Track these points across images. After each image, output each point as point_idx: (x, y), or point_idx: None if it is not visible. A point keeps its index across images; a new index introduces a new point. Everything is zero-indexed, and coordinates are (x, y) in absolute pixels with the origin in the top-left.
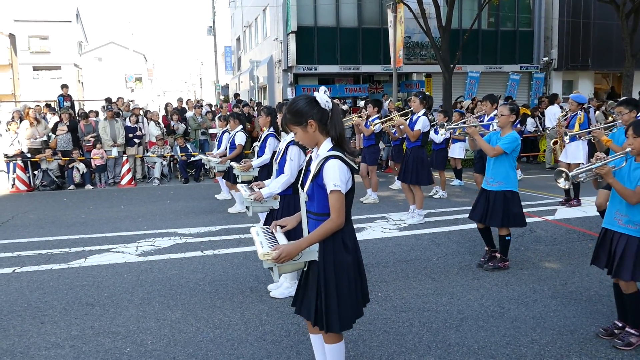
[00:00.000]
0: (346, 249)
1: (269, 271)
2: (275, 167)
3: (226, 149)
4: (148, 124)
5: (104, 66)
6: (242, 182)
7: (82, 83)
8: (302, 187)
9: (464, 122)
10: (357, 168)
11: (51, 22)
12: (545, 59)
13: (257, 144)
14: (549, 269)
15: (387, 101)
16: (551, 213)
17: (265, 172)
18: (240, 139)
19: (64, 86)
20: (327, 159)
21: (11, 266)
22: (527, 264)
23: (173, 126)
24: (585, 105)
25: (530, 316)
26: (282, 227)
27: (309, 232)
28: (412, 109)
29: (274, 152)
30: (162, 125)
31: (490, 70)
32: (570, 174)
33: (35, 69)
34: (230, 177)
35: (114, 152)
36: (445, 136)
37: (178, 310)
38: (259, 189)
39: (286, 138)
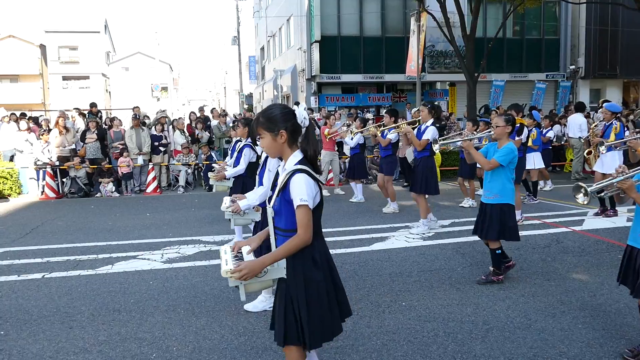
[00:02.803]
0: (315, 265)
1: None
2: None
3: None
4: (173, 132)
5: (131, 76)
6: (217, 191)
7: (109, 92)
8: (269, 202)
9: (460, 135)
10: (323, 182)
11: (80, 33)
12: (572, 67)
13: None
14: (576, 280)
15: (413, 110)
16: (579, 223)
17: (240, 183)
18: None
19: (93, 105)
20: (293, 172)
21: (41, 272)
22: (554, 275)
23: (197, 135)
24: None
25: (557, 328)
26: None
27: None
28: (419, 118)
29: (250, 163)
30: (187, 134)
31: (516, 79)
32: (589, 189)
33: (64, 78)
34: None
35: (140, 160)
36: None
37: (203, 317)
38: (239, 200)
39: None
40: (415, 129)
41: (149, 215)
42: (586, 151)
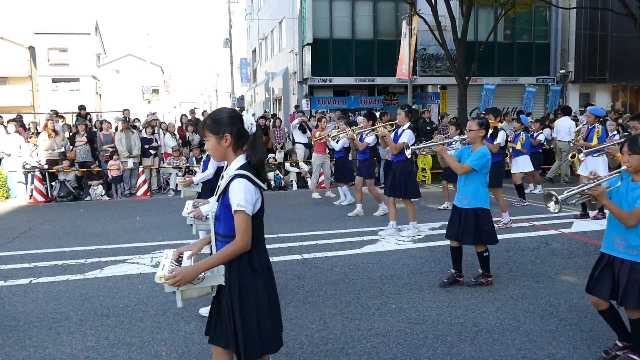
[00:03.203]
0: (255, 273)
1: (283, 283)
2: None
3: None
4: (164, 135)
5: (121, 78)
6: (186, 197)
7: (100, 95)
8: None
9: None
10: (265, 189)
11: (70, 35)
12: (562, 71)
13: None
14: (565, 282)
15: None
16: (567, 226)
17: (208, 188)
18: None
19: (82, 107)
20: (233, 177)
21: (28, 277)
22: (542, 277)
23: (188, 137)
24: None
25: (546, 330)
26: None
27: None
28: (397, 121)
29: (218, 168)
30: (178, 137)
31: (506, 83)
32: (559, 197)
33: (54, 80)
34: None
35: (130, 163)
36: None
37: (192, 322)
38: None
39: None
40: (393, 132)
41: (139, 218)
42: (570, 155)
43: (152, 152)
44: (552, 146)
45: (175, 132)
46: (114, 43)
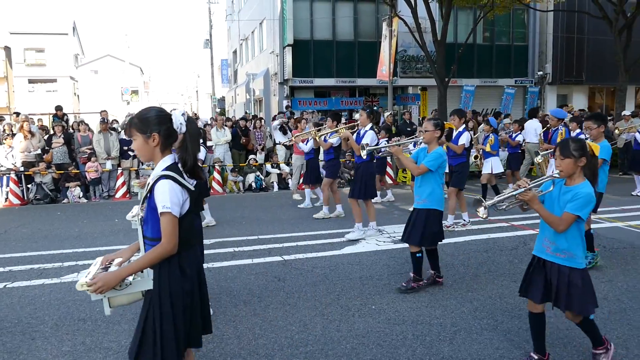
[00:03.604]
0: (184, 276)
1: (263, 285)
2: None
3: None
4: None
5: (100, 79)
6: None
7: (78, 96)
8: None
9: (388, 141)
10: (192, 189)
11: (47, 35)
12: (540, 73)
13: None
14: None
15: (386, 114)
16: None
17: None
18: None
19: (59, 108)
20: (159, 178)
21: (2, 281)
22: (520, 276)
23: None
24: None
25: (523, 329)
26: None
27: None
28: (359, 122)
29: None
30: None
31: (486, 84)
32: (487, 203)
33: (30, 81)
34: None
35: (108, 165)
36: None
37: None
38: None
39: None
40: (355, 134)
41: (118, 221)
42: (537, 157)
43: (131, 153)
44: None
45: None
46: (92, 43)
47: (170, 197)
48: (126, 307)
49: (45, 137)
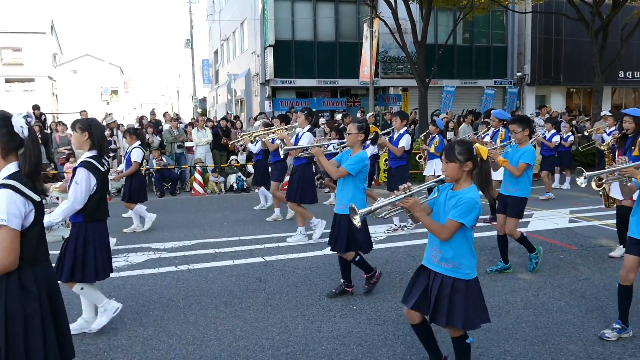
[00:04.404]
0: (26, 294)
1: (244, 286)
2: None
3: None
4: (123, 137)
5: (79, 78)
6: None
7: (56, 96)
8: None
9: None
10: (37, 199)
11: (25, 34)
12: (519, 74)
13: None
14: (521, 280)
15: (368, 115)
16: (524, 225)
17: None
18: (136, 155)
19: (36, 107)
20: None
21: None
22: (500, 275)
23: (148, 139)
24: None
25: (502, 327)
26: None
27: None
28: (297, 124)
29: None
30: None
31: (466, 85)
32: (361, 211)
33: (7, 81)
34: (125, 195)
35: None
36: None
37: (150, 327)
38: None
39: (81, 158)
40: (293, 136)
41: None
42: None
43: (111, 154)
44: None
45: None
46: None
47: (7, 208)
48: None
49: None
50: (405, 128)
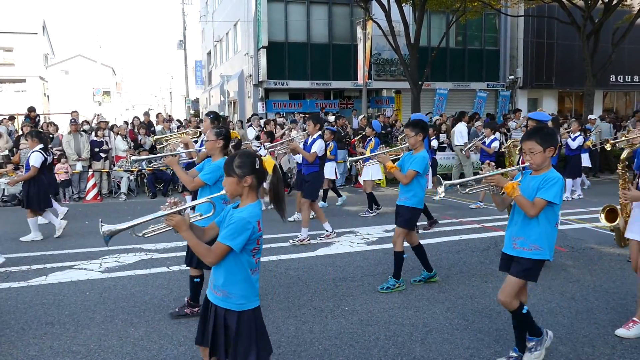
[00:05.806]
0: None
1: None
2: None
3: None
4: (115, 138)
5: (71, 79)
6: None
7: (48, 96)
8: None
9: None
10: None
11: (16, 34)
12: (511, 77)
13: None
14: None
15: (360, 117)
16: None
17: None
18: (35, 160)
19: (31, 109)
20: None
21: None
22: (491, 277)
23: (140, 140)
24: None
25: (493, 328)
26: None
27: None
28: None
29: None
30: (129, 140)
31: (458, 88)
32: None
33: None
34: (24, 202)
35: (78, 166)
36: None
37: (141, 328)
38: None
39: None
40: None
41: (88, 223)
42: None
43: (103, 155)
44: (502, 150)
45: (127, 134)
46: (63, 43)
47: None
48: (94, 310)
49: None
50: (319, 133)
